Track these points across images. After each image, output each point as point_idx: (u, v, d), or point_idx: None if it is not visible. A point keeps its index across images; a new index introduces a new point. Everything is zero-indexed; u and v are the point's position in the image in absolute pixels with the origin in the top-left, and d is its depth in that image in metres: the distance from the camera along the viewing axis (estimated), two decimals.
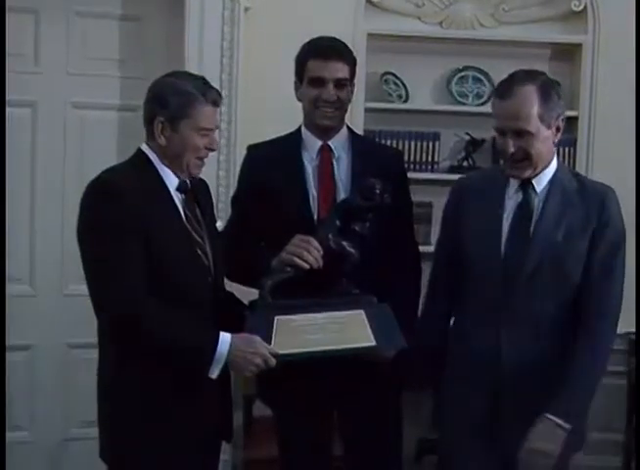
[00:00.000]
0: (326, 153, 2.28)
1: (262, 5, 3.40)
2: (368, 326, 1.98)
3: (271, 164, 2.27)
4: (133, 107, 3.35)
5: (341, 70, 2.21)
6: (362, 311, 2.03)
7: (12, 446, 3.31)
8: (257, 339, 1.89)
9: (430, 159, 3.59)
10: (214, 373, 1.87)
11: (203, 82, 1.98)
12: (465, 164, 3.63)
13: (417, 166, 3.57)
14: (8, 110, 3.21)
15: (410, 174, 3.47)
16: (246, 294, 2.23)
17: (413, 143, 3.57)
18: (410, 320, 2.37)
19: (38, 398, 3.38)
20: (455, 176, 3.58)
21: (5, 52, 3.12)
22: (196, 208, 2.04)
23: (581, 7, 3.55)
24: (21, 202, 3.33)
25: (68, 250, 3.38)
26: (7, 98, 3.20)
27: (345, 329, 1.98)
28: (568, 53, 3.68)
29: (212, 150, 2.01)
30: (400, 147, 3.52)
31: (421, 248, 3.69)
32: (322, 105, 2.21)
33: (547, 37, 3.63)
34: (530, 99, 1.93)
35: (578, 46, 3.59)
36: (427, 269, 2.61)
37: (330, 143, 2.28)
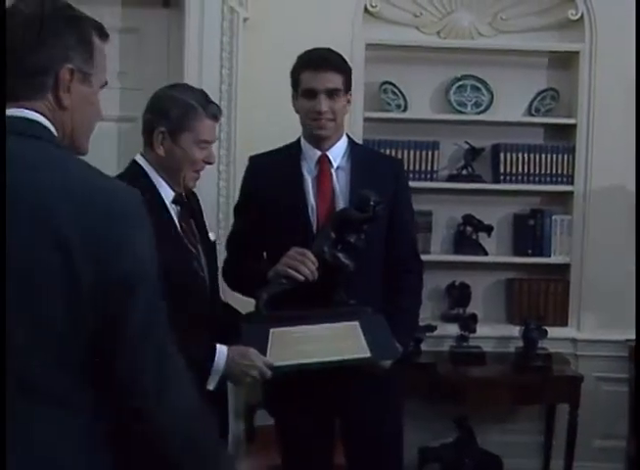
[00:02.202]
0: (325, 164, 2.28)
1: (261, 16, 3.42)
2: (363, 337, 1.99)
3: (271, 175, 2.29)
4: (132, 118, 3.36)
5: (332, 81, 2.21)
6: (357, 323, 2.04)
7: None
8: (253, 351, 1.90)
9: (429, 168, 3.60)
10: (211, 385, 1.88)
11: (203, 96, 2.00)
12: (464, 172, 3.64)
13: (416, 175, 3.58)
14: None
15: (409, 183, 3.51)
16: (245, 303, 2.25)
17: (412, 152, 3.58)
18: (411, 329, 2.39)
19: None
20: (455, 185, 3.63)
21: (5, 57, 3.12)
22: (191, 220, 2.05)
23: (578, 15, 3.56)
24: None
25: None
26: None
27: (341, 340, 1.99)
28: (565, 61, 3.70)
29: (210, 163, 2.03)
30: (399, 156, 3.53)
31: (422, 256, 3.72)
32: (316, 116, 2.22)
33: (545, 46, 3.65)
34: None
35: (576, 54, 3.60)
36: (427, 277, 2.62)
37: (328, 154, 2.29)
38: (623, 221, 3.57)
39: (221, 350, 1.88)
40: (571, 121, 3.62)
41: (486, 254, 3.67)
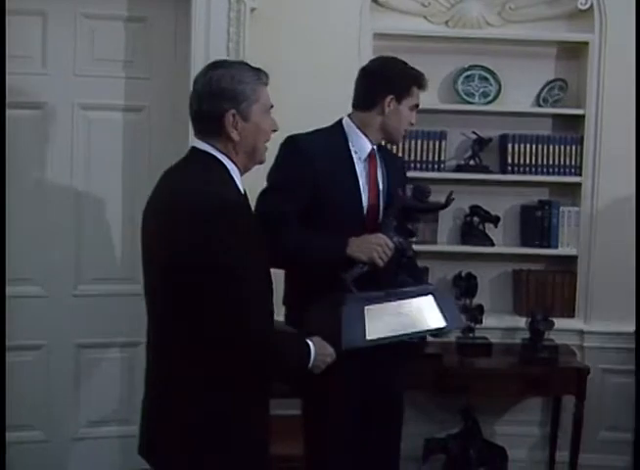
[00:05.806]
0: (373, 156, 2.41)
1: (268, 6, 3.40)
2: (438, 309, 2.24)
3: (325, 160, 2.31)
4: (139, 107, 3.37)
5: None
6: (431, 297, 2.26)
7: (23, 446, 3.33)
8: (326, 343, 2.00)
9: (436, 158, 3.59)
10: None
11: (246, 64, 1.98)
12: (472, 162, 3.63)
13: (423, 166, 3.57)
14: (16, 112, 3.24)
15: (417, 174, 3.51)
16: None
17: (419, 142, 3.57)
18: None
19: (49, 397, 3.39)
20: (462, 175, 3.62)
21: (5, 53, 3.13)
22: None
23: (588, 5, 3.54)
24: (30, 202, 3.35)
25: (78, 250, 3.40)
26: (16, 100, 3.24)
27: (421, 313, 2.22)
28: (574, 51, 3.67)
29: (275, 130, 2.00)
30: (407, 146, 3.53)
31: (428, 247, 3.72)
32: (410, 126, 2.46)
33: (553, 36, 3.63)
34: None
35: (585, 44, 3.58)
36: (434, 268, 2.63)
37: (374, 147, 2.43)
38: (631, 213, 3.55)
39: (311, 345, 1.96)
40: (580, 112, 3.61)
41: (493, 245, 3.67)
